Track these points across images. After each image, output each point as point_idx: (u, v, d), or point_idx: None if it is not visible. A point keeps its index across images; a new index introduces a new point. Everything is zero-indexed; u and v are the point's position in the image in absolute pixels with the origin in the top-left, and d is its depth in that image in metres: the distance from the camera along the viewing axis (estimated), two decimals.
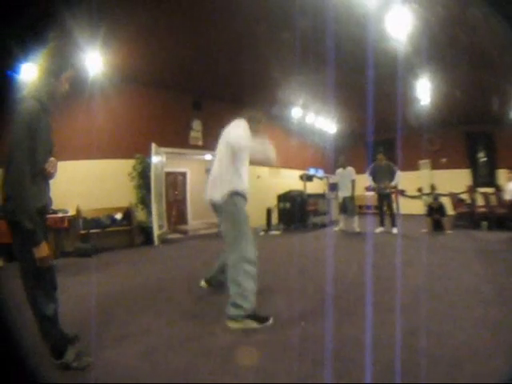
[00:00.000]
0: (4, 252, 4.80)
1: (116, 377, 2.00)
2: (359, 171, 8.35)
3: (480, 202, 8.31)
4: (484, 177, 10.64)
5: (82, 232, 6.01)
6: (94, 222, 6.23)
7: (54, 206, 5.22)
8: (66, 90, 2.10)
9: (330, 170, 10.70)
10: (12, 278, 2.30)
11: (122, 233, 6.76)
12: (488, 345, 2.20)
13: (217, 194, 2.70)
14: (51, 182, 2.11)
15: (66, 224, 5.64)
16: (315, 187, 10.63)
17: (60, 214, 5.57)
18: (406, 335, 2.33)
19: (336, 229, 8.52)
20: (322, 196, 10.30)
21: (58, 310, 2.26)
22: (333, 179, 9.22)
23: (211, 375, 1.98)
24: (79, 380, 1.93)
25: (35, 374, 1.86)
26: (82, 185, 6.30)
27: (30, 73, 2.15)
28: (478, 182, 10.31)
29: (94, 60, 5.62)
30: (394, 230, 7.45)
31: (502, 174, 9.52)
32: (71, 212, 5.94)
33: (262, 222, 9.34)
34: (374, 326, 2.50)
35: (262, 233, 8.54)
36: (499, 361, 1.99)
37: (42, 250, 1.83)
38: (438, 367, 1.93)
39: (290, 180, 10.37)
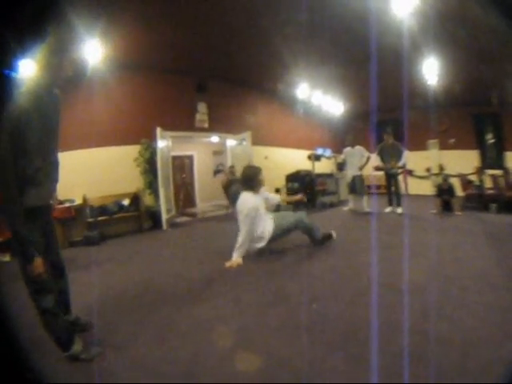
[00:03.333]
0: (10, 247, 4.78)
1: (127, 366, 1.99)
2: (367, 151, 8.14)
3: (488, 184, 8.13)
4: (492, 158, 10.29)
5: (90, 220, 6.01)
6: (102, 210, 6.22)
7: (61, 197, 5.25)
8: (68, 74, 2.02)
9: (338, 149, 10.55)
10: (18, 273, 2.30)
11: (130, 218, 6.76)
12: (499, 330, 2.18)
13: None
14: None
15: (72, 213, 5.65)
16: (323, 167, 10.52)
17: (67, 204, 5.58)
18: (417, 318, 2.33)
19: (345, 208, 8.43)
20: (330, 176, 10.20)
21: (68, 299, 2.26)
22: (340, 158, 9.08)
23: (223, 361, 1.99)
24: (88, 372, 1.92)
25: (40, 372, 1.83)
26: (89, 173, 6.27)
27: (28, 70, 2.07)
28: (486, 163, 10.04)
29: (94, 48, 5.44)
30: (399, 210, 7.35)
31: (510, 157, 9.31)
32: (78, 201, 5.94)
33: None
34: (385, 308, 2.51)
35: None
36: (510, 346, 1.97)
37: (35, 267, 1.77)
38: (449, 352, 1.93)
39: (298, 160, 10.25)
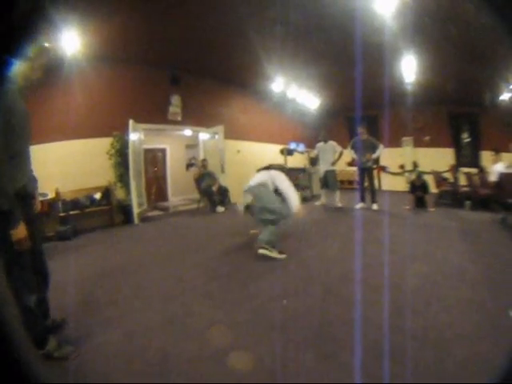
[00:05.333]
0: None
1: (99, 363, 1.99)
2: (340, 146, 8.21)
3: (462, 181, 8.32)
4: (467, 157, 10.58)
5: (62, 214, 5.82)
6: (74, 204, 6.04)
7: None
8: (38, 76, 2.08)
9: (311, 144, 10.66)
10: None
11: (101, 213, 6.59)
12: (475, 326, 2.22)
13: None
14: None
15: (45, 208, 5.43)
16: (296, 161, 10.62)
17: (40, 198, 5.34)
18: (391, 315, 2.32)
19: (317, 203, 8.54)
20: (302, 170, 10.27)
21: (47, 298, 2.23)
22: (313, 153, 9.17)
23: (192, 358, 1.99)
24: (63, 370, 1.91)
25: (27, 369, 1.82)
26: (60, 166, 6.04)
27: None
28: (460, 161, 10.27)
29: (68, 39, 5.21)
30: (375, 206, 7.41)
31: (485, 156, 9.46)
32: (50, 195, 5.73)
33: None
34: (359, 304, 2.52)
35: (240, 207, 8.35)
36: (486, 343, 2.00)
37: (17, 232, 1.80)
38: (425, 349, 1.96)
39: (270, 154, 10.26)
